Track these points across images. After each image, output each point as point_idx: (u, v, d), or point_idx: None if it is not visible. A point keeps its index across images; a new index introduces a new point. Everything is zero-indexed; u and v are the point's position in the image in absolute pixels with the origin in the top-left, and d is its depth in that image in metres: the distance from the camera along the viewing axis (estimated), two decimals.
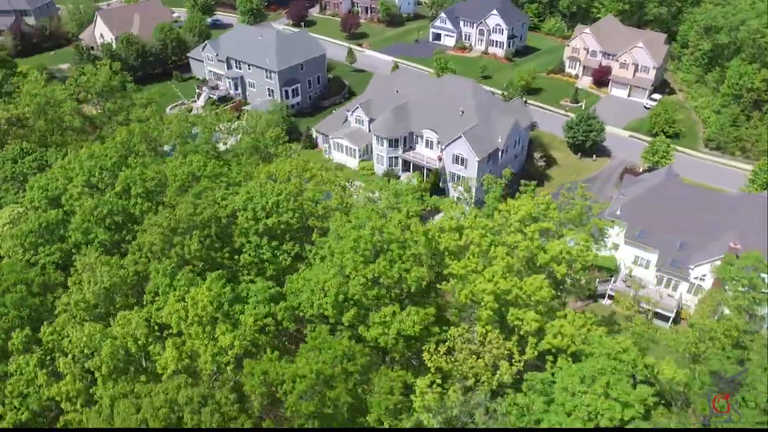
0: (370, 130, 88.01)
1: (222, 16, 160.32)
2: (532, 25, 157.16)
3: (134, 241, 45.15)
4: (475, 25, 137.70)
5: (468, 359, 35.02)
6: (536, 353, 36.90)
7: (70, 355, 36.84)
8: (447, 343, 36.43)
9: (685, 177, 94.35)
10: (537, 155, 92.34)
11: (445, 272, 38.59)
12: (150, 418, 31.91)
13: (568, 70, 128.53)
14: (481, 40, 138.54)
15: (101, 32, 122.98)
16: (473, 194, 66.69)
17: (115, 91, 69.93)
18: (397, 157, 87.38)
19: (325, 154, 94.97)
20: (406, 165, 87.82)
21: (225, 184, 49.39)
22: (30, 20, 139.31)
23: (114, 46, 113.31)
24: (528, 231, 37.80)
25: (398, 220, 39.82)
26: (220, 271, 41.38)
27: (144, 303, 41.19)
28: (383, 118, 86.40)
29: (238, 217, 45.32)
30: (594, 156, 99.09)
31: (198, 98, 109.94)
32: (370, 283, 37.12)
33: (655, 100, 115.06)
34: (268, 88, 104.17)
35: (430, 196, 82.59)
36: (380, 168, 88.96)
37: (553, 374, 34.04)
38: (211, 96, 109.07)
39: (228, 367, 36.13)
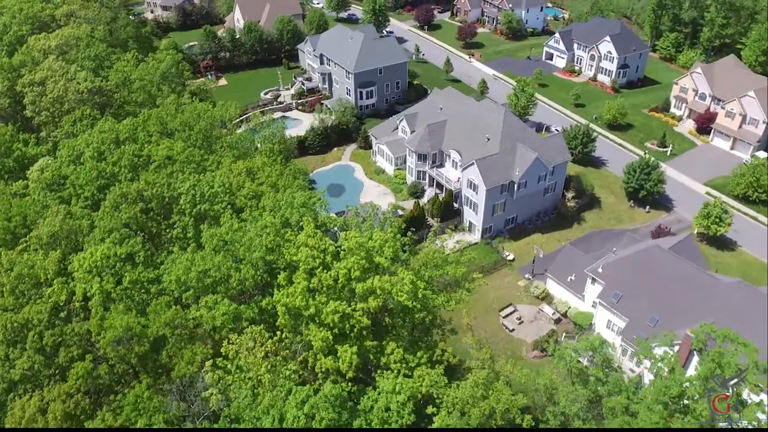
0: None
1: (357, 10, 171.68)
2: (667, 56, 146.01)
3: None
4: (587, 49, 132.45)
5: (241, 353, 40.36)
6: (321, 370, 40.83)
7: None
8: (240, 338, 41.97)
9: (750, 253, 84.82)
10: (569, 195, 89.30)
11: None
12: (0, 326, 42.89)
13: (672, 110, 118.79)
14: (591, 66, 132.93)
15: (238, 17, 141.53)
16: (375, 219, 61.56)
17: (173, 78, 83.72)
18: (424, 171, 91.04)
19: (372, 157, 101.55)
20: (432, 180, 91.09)
21: (192, 169, 59.16)
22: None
23: (237, 32, 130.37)
24: (349, 261, 41.32)
25: (258, 226, 45.88)
26: (141, 236, 51.33)
27: (82, 249, 52.58)
28: (417, 133, 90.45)
29: (181, 199, 54.78)
30: (647, 207, 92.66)
31: (291, 86, 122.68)
32: (210, 271, 44.15)
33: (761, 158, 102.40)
34: (347, 87, 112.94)
35: (444, 216, 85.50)
36: (410, 179, 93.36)
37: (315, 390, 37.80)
38: (302, 86, 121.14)
39: (95, 309, 45.67)
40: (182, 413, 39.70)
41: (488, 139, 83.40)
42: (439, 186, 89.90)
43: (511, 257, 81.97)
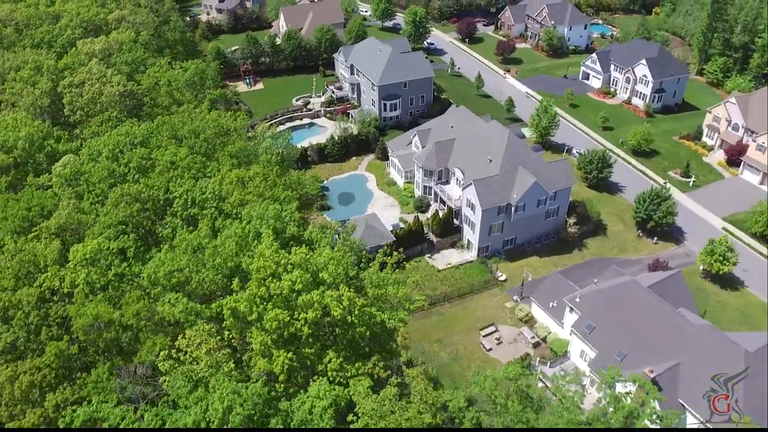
0: None
1: (403, 20, 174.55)
2: (714, 81, 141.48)
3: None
4: (623, 71, 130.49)
5: (190, 347, 44.74)
6: (260, 370, 44.81)
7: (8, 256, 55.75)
8: (191, 333, 46.40)
9: (755, 294, 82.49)
10: (570, 221, 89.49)
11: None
12: None
13: (704, 139, 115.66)
14: (626, 89, 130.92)
15: (282, 24, 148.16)
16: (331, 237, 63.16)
17: (196, 85, 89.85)
18: (430, 187, 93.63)
19: (386, 168, 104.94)
20: (437, 195, 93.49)
21: (192, 175, 64.64)
22: (249, 4, 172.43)
23: (279, 39, 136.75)
24: (294, 274, 45.00)
25: (224, 235, 50.45)
26: (135, 234, 57.25)
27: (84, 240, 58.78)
28: (426, 149, 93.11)
29: (175, 202, 60.28)
30: (655, 238, 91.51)
31: (323, 94, 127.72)
32: (174, 272, 49.14)
33: None
34: (372, 99, 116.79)
35: (443, 232, 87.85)
36: (417, 192, 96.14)
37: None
38: (332, 95, 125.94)
39: (77, 296, 51.39)
40: (134, 395, 44.75)
41: (490, 161, 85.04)
42: (443, 202, 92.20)
43: (503, 278, 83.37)
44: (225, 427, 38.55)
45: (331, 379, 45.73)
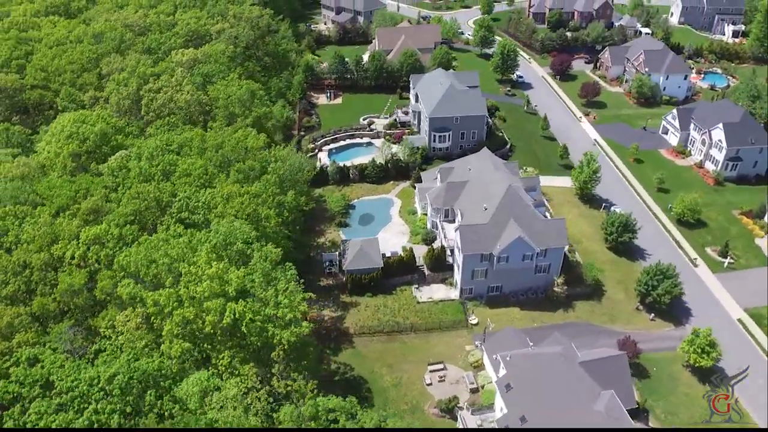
0: None
1: None
2: None
3: None
4: (701, 131, 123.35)
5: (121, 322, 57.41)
6: (169, 356, 56.27)
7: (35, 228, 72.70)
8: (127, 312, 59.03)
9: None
10: (559, 280, 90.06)
11: None
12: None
13: (767, 218, 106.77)
14: (701, 151, 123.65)
15: (376, 44, 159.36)
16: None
17: (246, 103, 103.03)
18: (437, 222, 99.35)
19: (413, 197, 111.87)
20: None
21: (200, 184, 78.28)
22: (360, 19, 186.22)
23: (365, 59, 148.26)
24: (203, 285, 55.73)
25: (174, 241, 62.62)
26: (136, 226, 72.19)
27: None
28: (438, 187, 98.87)
29: (173, 205, 74.14)
30: (653, 314, 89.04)
31: (389, 116, 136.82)
32: (131, 263, 62.56)
33: None
34: (424, 128, 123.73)
35: (434, 267, 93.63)
36: (429, 225, 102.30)
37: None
38: (397, 119, 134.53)
39: (72, 263, 66.59)
40: (72, 348, 58.99)
41: (485, 209, 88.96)
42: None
43: (474, 321, 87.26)
44: (108, 387, 50.72)
45: (219, 372, 56.33)
